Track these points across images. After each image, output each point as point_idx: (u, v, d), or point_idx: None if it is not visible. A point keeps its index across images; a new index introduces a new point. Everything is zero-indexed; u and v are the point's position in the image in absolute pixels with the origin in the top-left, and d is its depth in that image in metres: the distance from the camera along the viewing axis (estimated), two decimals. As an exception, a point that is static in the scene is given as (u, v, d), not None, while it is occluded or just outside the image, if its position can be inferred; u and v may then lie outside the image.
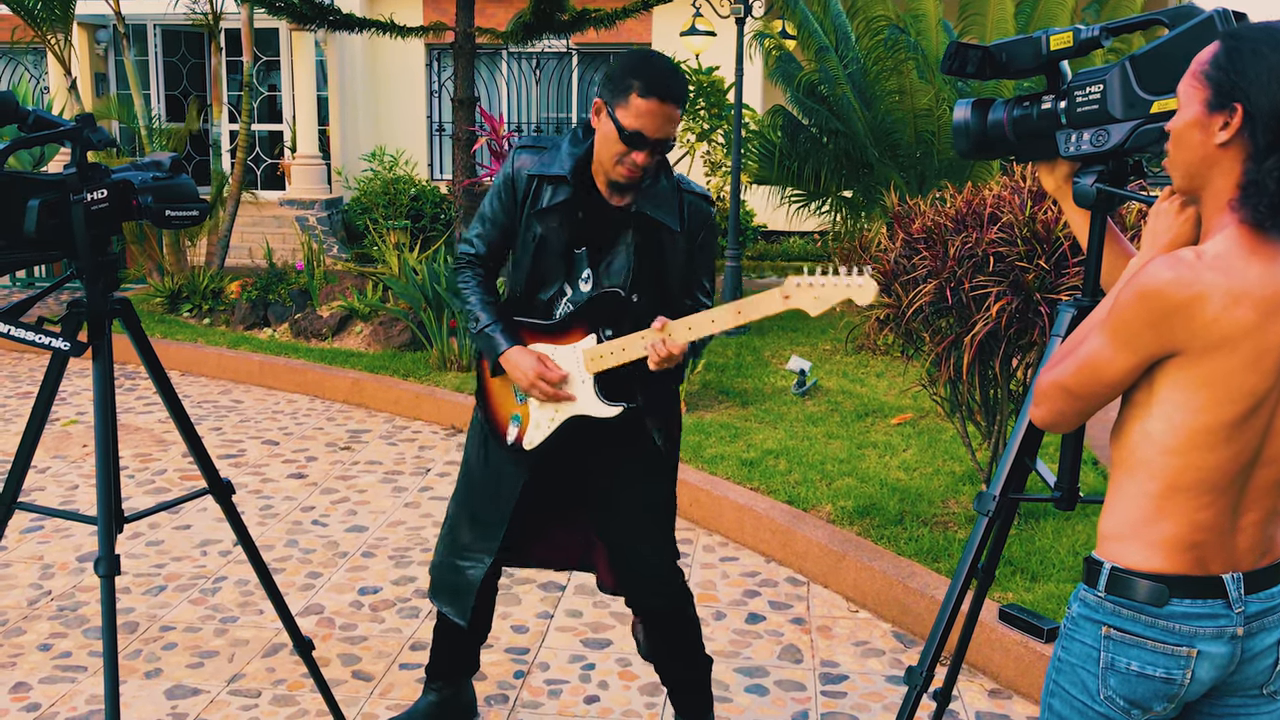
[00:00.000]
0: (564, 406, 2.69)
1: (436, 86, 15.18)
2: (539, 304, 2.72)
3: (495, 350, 2.70)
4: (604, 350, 2.62)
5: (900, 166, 9.73)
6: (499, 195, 2.73)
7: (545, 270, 2.69)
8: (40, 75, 14.89)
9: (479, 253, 2.79)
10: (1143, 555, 1.64)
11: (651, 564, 2.87)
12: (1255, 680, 1.68)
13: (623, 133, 2.50)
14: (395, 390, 6.92)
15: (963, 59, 2.12)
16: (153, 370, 2.48)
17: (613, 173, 2.58)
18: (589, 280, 2.68)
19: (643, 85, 2.47)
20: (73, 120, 2.26)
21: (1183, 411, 1.58)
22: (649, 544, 2.86)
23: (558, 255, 2.67)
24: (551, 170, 2.64)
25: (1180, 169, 1.64)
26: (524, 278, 2.72)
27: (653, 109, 2.48)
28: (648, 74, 2.48)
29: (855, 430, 5.87)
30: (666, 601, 2.92)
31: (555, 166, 2.64)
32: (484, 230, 2.77)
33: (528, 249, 2.69)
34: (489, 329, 2.71)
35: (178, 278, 9.55)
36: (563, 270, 2.68)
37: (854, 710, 3.37)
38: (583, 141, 2.66)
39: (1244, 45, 1.54)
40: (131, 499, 5.18)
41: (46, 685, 3.44)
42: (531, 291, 2.72)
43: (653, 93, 2.47)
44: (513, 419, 2.77)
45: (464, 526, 2.90)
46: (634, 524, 2.84)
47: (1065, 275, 3.81)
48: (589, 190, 2.65)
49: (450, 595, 2.93)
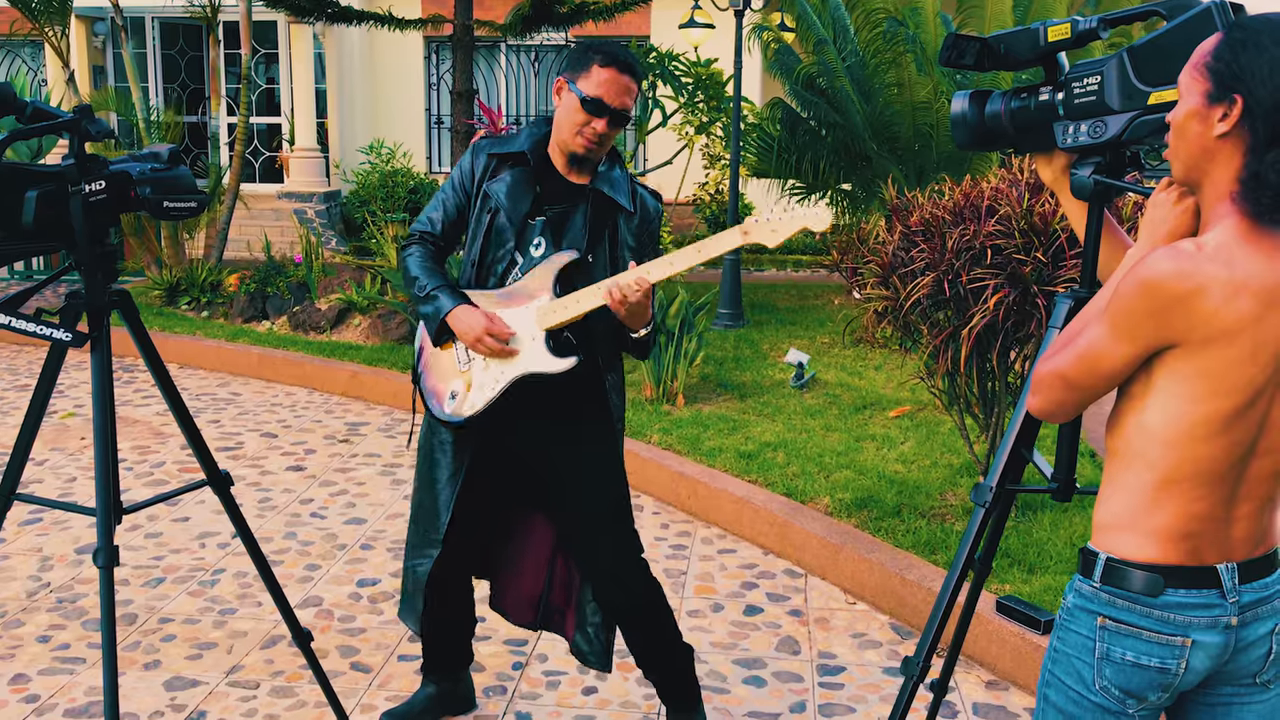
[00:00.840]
0: (510, 365, 2.68)
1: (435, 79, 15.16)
2: (493, 274, 2.75)
3: (440, 311, 2.70)
4: (558, 305, 2.64)
5: (899, 159, 9.73)
6: (457, 179, 2.81)
7: (499, 240, 2.74)
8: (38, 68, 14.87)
9: (430, 231, 2.84)
10: (1138, 546, 1.65)
11: (612, 560, 2.86)
12: (1249, 669, 1.69)
13: (585, 101, 2.62)
14: (394, 383, 6.93)
15: (961, 50, 2.12)
16: (151, 362, 2.49)
17: (573, 143, 2.67)
18: (540, 246, 2.72)
19: (603, 57, 2.64)
20: (71, 112, 2.26)
21: (1180, 402, 1.58)
22: (608, 540, 2.85)
23: (510, 225, 2.72)
24: (510, 148, 2.76)
25: (1180, 160, 1.64)
26: (479, 248, 2.76)
27: (612, 76, 2.63)
28: (607, 49, 2.67)
29: (853, 423, 5.88)
30: (631, 595, 2.90)
31: (514, 145, 2.76)
32: (439, 212, 2.83)
33: (482, 222, 2.75)
34: (434, 291, 2.72)
35: (176, 270, 9.54)
36: (514, 238, 2.73)
37: (851, 701, 3.38)
38: (543, 127, 2.78)
39: (1245, 37, 1.54)
40: (130, 491, 5.18)
41: (45, 676, 3.45)
42: (484, 262, 2.76)
43: (611, 63, 2.64)
44: (450, 393, 2.77)
45: (415, 524, 2.92)
46: (588, 504, 2.84)
47: (1063, 267, 3.81)
48: (546, 167, 2.75)
49: (407, 605, 2.97)
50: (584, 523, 2.85)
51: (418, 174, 13.75)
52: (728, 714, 3.30)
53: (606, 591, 2.89)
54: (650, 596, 2.93)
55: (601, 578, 2.87)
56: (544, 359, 2.67)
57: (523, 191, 2.73)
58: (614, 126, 2.66)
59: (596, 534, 2.84)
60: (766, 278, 11.91)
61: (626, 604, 2.91)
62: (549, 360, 2.67)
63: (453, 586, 3.03)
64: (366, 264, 9.61)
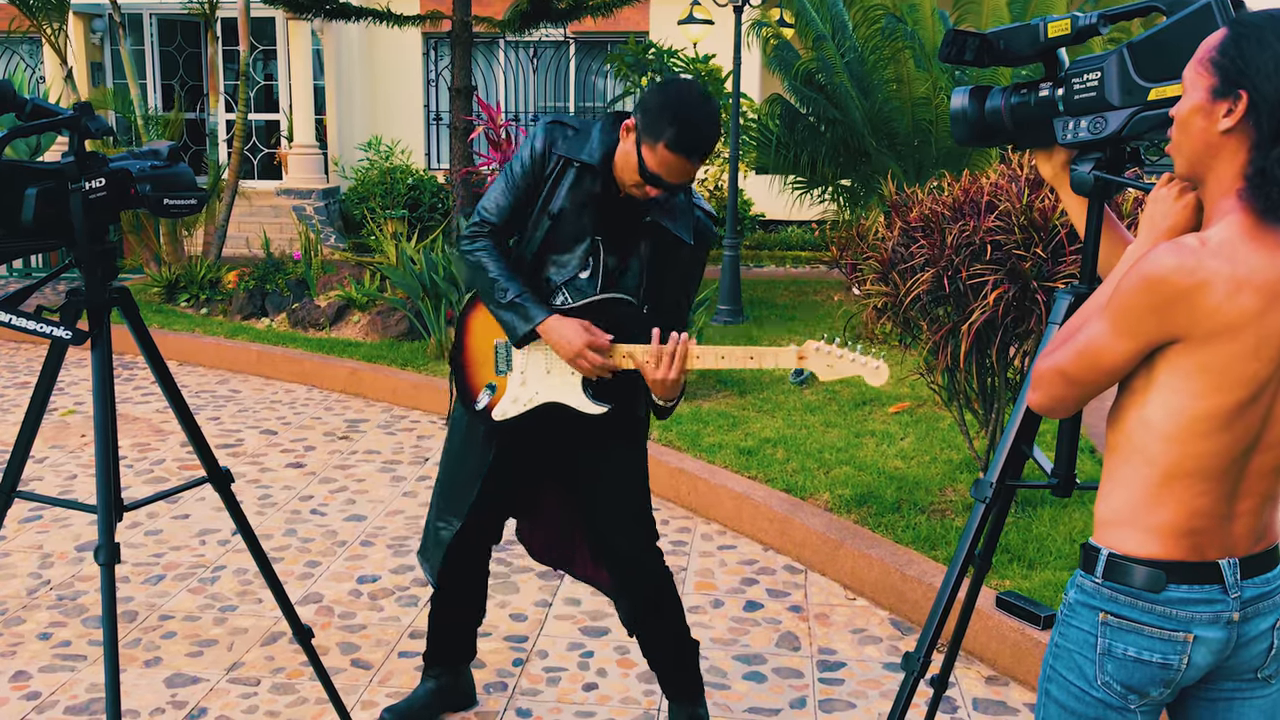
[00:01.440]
0: (546, 390, 2.68)
1: (433, 75, 15.15)
2: (540, 281, 2.69)
3: (531, 320, 2.60)
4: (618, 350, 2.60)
5: (898, 155, 9.72)
6: (523, 165, 2.67)
7: (556, 251, 2.67)
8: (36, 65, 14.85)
9: (495, 221, 2.70)
10: (1139, 541, 1.65)
11: (627, 545, 2.87)
12: (1250, 664, 1.69)
13: (644, 171, 2.50)
14: (393, 380, 6.93)
15: (960, 46, 2.12)
16: (151, 359, 2.48)
17: (627, 189, 2.59)
18: (589, 268, 2.66)
19: (674, 137, 2.43)
20: (70, 109, 2.25)
21: (1182, 398, 1.58)
22: (623, 525, 2.86)
23: (571, 239, 2.65)
24: (581, 155, 2.61)
25: (1183, 155, 1.64)
26: (532, 250, 2.69)
27: (679, 162, 2.47)
28: (685, 126, 2.42)
29: (853, 419, 5.88)
30: (644, 582, 2.92)
31: (585, 152, 2.61)
32: (504, 199, 2.69)
33: (542, 226, 2.66)
34: (519, 298, 2.61)
35: (175, 268, 9.54)
36: (573, 255, 2.66)
37: (851, 697, 3.39)
38: (612, 132, 2.63)
39: (1251, 33, 1.54)
40: (130, 489, 5.18)
41: (46, 674, 3.45)
42: (536, 268, 2.69)
43: (682, 150, 2.44)
44: (487, 386, 2.76)
45: (442, 489, 2.93)
46: (607, 506, 2.85)
47: (1062, 263, 3.81)
48: (612, 181, 2.63)
49: (427, 553, 2.97)
50: (604, 511, 2.86)
51: (417, 170, 13.75)
52: (728, 710, 3.30)
53: (623, 579, 2.91)
54: (660, 586, 2.95)
55: (617, 563, 2.89)
56: (578, 397, 2.65)
57: (586, 207, 2.63)
58: (669, 192, 2.58)
59: (615, 521, 2.86)
60: (765, 274, 11.90)
61: (635, 590, 2.93)
62: (583, 401, 2.65)
63: (468, 565, 3.02)
64: (366, 261, 9.60)
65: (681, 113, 2.43)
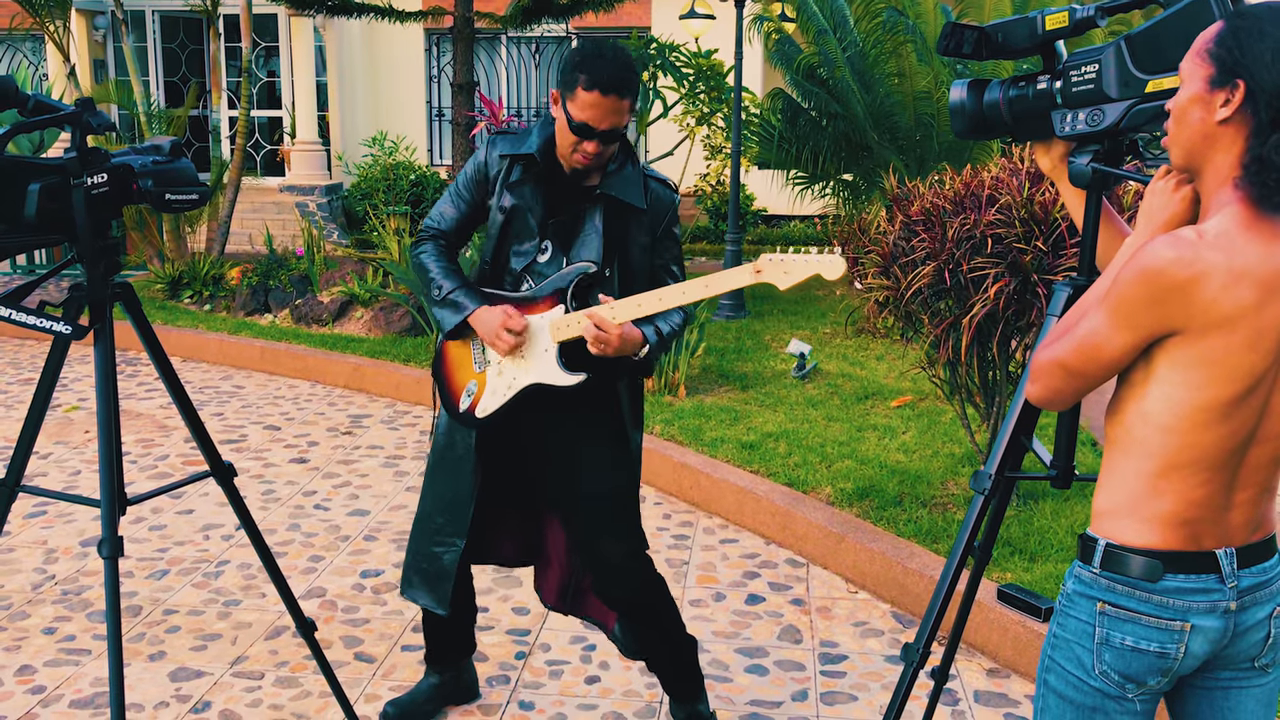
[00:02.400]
0: (522, 374, 2.70)
1: (435, 71, 15.15)
2: (507, 275, 2.76)
3: (462, 312, 2.72)
4: (570, 319, 2.64)
5: (899, 149, 9.72)
6: (471, 176, 2.80)
7: (515, 240, 2.74)
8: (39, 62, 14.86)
9: (442, 228, 2.85)
10: (1137, 532, 1.65)
11: (615, 556, 2.86)
12: (1247, 654, 1.70)
13: (572, 124, 2.57)
14: (396, 375, 6.94)
15: (959, 39, 2.12)
16: (154, 353, 2.49)
17: (569, 160, 2.65)
18: (547, 251, 2.72)
19: (588, 79, 2.53)
20: (73, 105, 2.26)
21: (1181, 390, 1.59)
22: (611, 535, 2.85)
23: (527, 228, 2.72)
24: (521, 149, 2.72)
25: (1180, 146, 1.64)
26: (493, 249, 2.77)
27: (597, 101, 2.54)
28: (594, 67, 2.53)
29: (855, 413, 5.88)
30: (632, 592, 2.90)
31: (525, 146, 2.72)
32: (452, 208, 2.83)
33: (497, 222, 2.75)
34: (453, 294, 2.74)
35: (178, 264, 9.55)
36: (532, 243, 2.73)
37: (853, 690, 3.40)
38: (551, 125, 2.73)
39: (1249, 24, 1.55)
40: (134, 484, 5.20)
41: (51, 668, 3.47)
42: (499, 261, 2.77)
43: (596, 86, 2.52)
44: (466, 390, 2.79)
45: (434, 512, 2.92)
46: (595, 516, 2.84)
47: (1063, 256, 3.81)
48: (557, 169, 2.71)
49: (427, 585, 2.93)
50: (584, 517, 2.85)
51: (419, 167, 13.75)
52: (730, 702, 3.32)
53: (606, 586, 2.90)
54: (650, 595, 2.92)
55: (602, 573, 2.88)
56: (554, 372, 2.68)
57: (535, 196, 2.71)
58: (606, 144, 2.60)
59: (596, 529, 2.85)
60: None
61: (626, 600, 2.91)
62: (559, 374, 2.68)
63: (466, 577, 3.05)
64: (368, 257, 9.61)
65: (589, 58, 2.56)
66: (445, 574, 2.91)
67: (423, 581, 2.95)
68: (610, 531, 2.85)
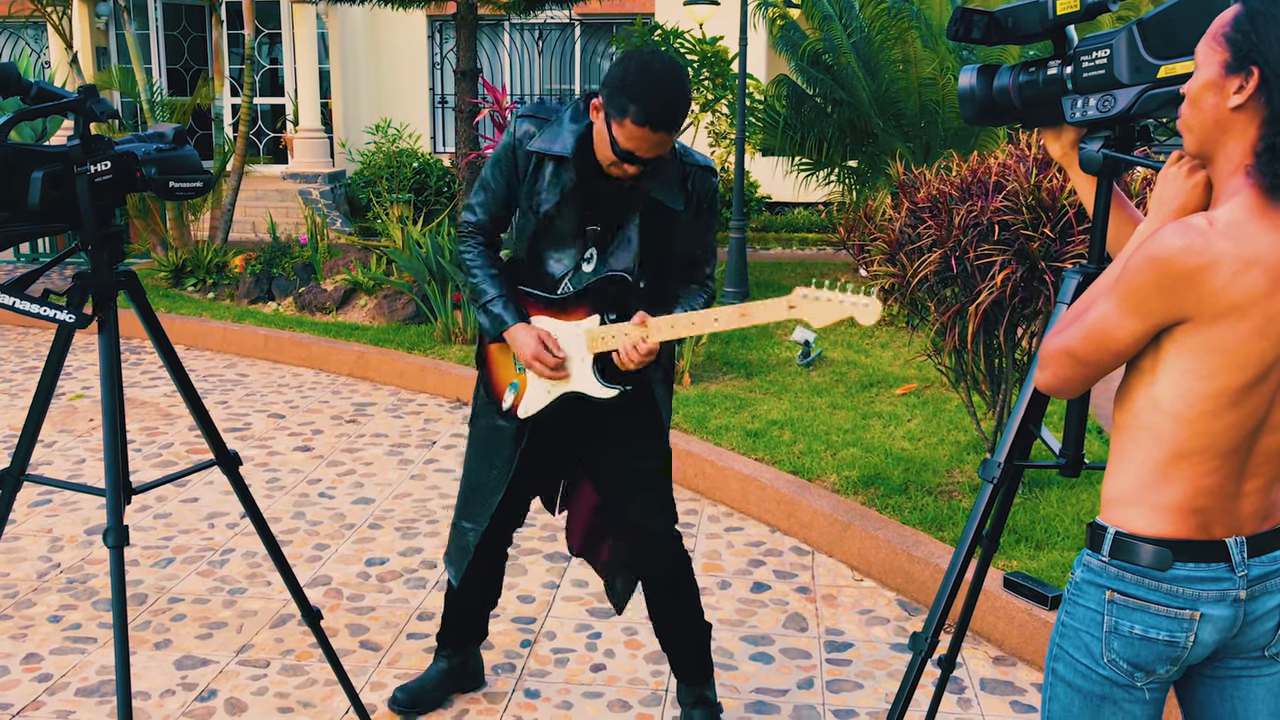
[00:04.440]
0: (561, 383, 2.71)
1: (438, 58, 15.11)
2: (546, 276, 2.72)
3: (500, 326, 2.71)
4: (605, 333, 2.62)
5: (905, 135, 9.69)
6: (500, 164, 2.71)
7: (551, 244, 2.69)
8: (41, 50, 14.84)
9: (480, 221, 2.78)
10: (1146, 520, 1.65)
11: (650, 530, 2.89)
12: (1257, 643, 1.69)
13: (616, 149, 2.48)
14: (400, 363, 6.93)
15: (968, 24, 2.10)
16: (159, 343, 2.49)
17: (606, 168, 2.58)
18: (591, 260, 2.68)
19: (639, 112, 2.40)
20: (75, 92, 2.25)
21: (1190, 378, 1.58)
22: (646, 510, 2.88)
23: (564, 233, 2.67)
24: (554, 149, 2.60)
25: (1193, 131, 1.63)
26: (527, 249, 2.72)
27: (645, 136, 2.43)
28: (647, 101, 2.40)
29: (860, 401, 5.87)
30: (666, 567, 2.94)
31: (558, 145, 2.60)
32: (485, 199, 2.76)
33: (531, 222, 2.68)
34: (493, 304, 2.71)
35: (181, 252, 9.55)
36: (569, 247, 2.68)
37: (859, 678, 3.39)
38: (584, 116, 2.63)
39: (1266, 8, 1.53)
40: (138, 472, 5.20)
41: (57, 656, 3.47)
42: (535, 260, 2.73)
43: (647, 122, 2.41)
44: (510, 386, 2.80)
45: (468, 490, 2.95)
46: (631, 491, 2.86)
47: (1071, 243, 3.79)
48: (591, 167, 2.61)
49: (454, 556, 3.00)
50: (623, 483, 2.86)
51: (422, 154, 13.72)
52: (736, 690, 3.31)
53: (643, 558, 2.92)
54: (680, 569, 2.96)
55: (641, 544, 2.90)
56: (590, 383, 2.68)
57: (571, 199, 2.62)
58: (649, 168, 2.54)
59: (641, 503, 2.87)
60: (772, 256, 11.88)
61: (657, 571, 2.94)
62: (595, 386, 2.67)
63: (488, 555, 3.05)
64: (372, 244, 9.59)
65: (642, 87, 2.40)
66: (466, 550, 2.95)
67: (454, 551, 2.99)
68: (654, 505, 2.88)
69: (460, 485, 3.00)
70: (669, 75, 2.43)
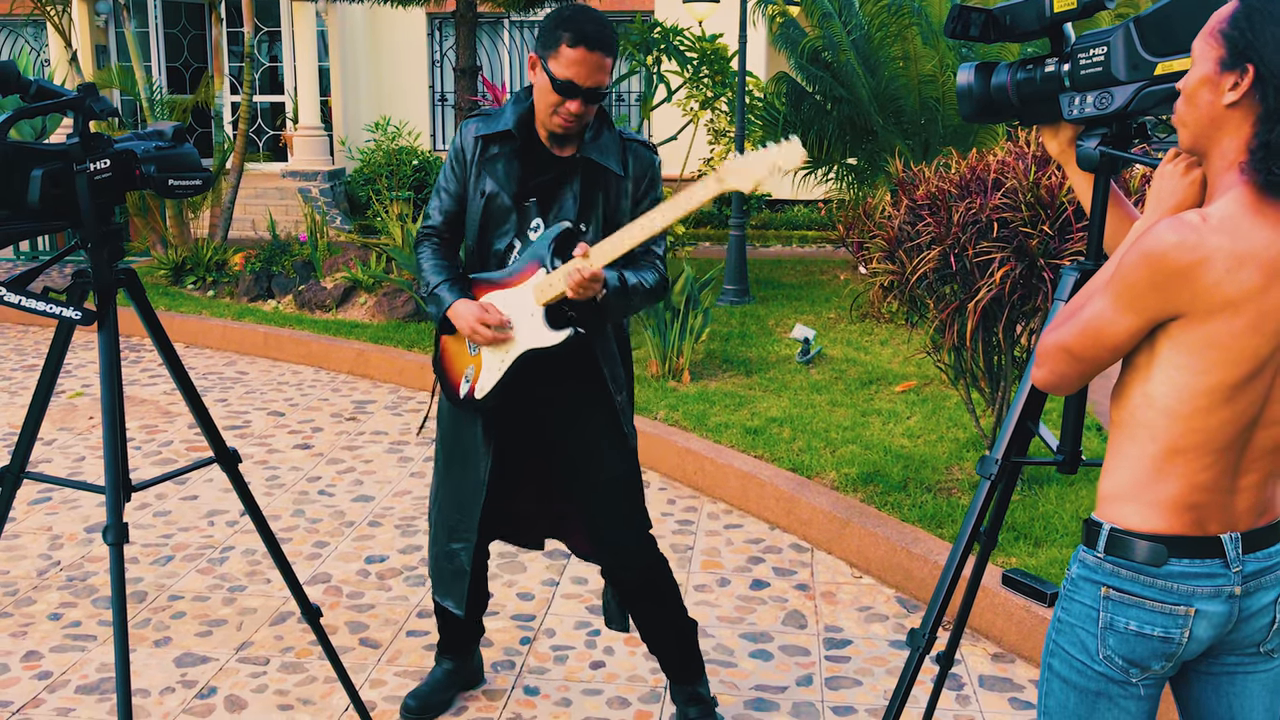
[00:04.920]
0: (514, 346, 2.70)
1: (438, 56, 15.10)
2: (494, 256, 2.77)
3: (442, 306, 2.75)
4: (551, 279, 2.63)
5: (904, 133, 9.68)
6: (450, 165, 2.80)
7: (496, 222, 2.74)
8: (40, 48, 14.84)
9: (436, 225, 2.86)
10: (1142, 516, 1.65)
11: (619, 536, 2.88)
12: (1252, 639, 1.70)
13: (555, 82, 2.57)
14: (400, 361, 6.94)
15: (966, 21, 2.10)
16: (158, 339, 2.49)
17: (550, 123, 2.65)
18: (538, 229, 2.73)
19: (570, 35, 2.55)
20: (75, 91, 2.25)
21: (1185, 373, 1.58)
22: (615, 516, 2.87)
23: (507, 207, 2.72)
24: (496, 127, 2.72)
25: (1188, 128, 1.63)
26: (476, 231, 2.77)
27: (582, 58, 2.55)
28: (575, 25, 2.56)
29: (859, 398, 5.88)
30: (637, 573, 2.92)
31: (500, 124, 2.73)
32: (440, 202, 2.84)
33: (477, 204, 2.75)
34: (437, 288, 2.76)
35: (181, 250, 9.55)
36: (513, 222, 2.73)
37: (858, 674, 3.40)
38: (525, 100, 2.73)
39: (1262, 5, 1.54)
40: (138, 470, 5.21)
41: (57, 654, 3.48)
42: (484, 245, 2.77)
43: (580, 42, 2.54)
44: (464, 376, 2.80)
45: (449, 509, 2.93)
46: (599, 498, 2.85)
47: (1069, 240, 3.80)
48: (534, 142, 2.71)
49: (447, 585, 2.96)
50: (586, 495, 2.86)
51: (422, 152, 13.72)
52: (735, 687, 3.32)
53: (616, 567, 2.92)
54: (656, 574, 2.94)
55: (613, 555, 2.89)
56: (541, 334, 2.67)
57: (514, 172, 2.71)
58: (589, 104, 2.60)
59: (598, 507, 2.86)
60: (772, 253, 11.88)
61: (628, 579, 2.93)
62: (546, 334, 2.66)
63: (478, 569, 3.06)
64: (371, 242, 9.59)
65: (570, 17, 2.57)
66: (462, 572, 2.92)
67: (449, 581, 2.96)
68: (619, 516, 2.87)
69: (435, 514, 2.97)
70: (593, 10, 2.62)
